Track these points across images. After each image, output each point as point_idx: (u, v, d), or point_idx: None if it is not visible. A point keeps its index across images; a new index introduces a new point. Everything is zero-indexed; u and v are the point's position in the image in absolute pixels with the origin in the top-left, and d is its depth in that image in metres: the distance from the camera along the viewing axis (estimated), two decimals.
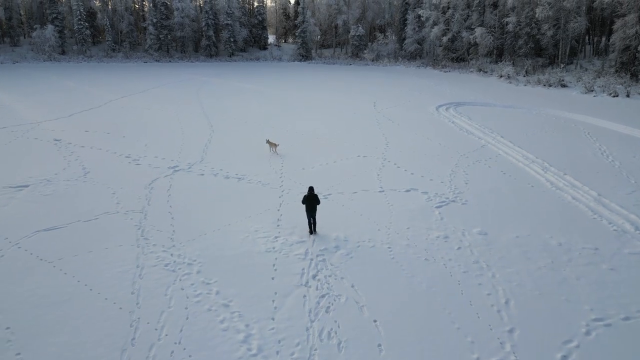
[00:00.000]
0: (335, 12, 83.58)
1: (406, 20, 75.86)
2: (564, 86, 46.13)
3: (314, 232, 13.50)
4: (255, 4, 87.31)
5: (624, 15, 46.07)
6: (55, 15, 71.30)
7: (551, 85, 46.64)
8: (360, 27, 78.83)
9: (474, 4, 65.51)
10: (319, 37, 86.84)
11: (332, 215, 14.85)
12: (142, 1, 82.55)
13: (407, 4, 76.51)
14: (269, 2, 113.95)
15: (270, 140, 22.89)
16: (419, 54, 75.70)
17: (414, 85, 48.90)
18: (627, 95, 40.01)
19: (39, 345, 8.80)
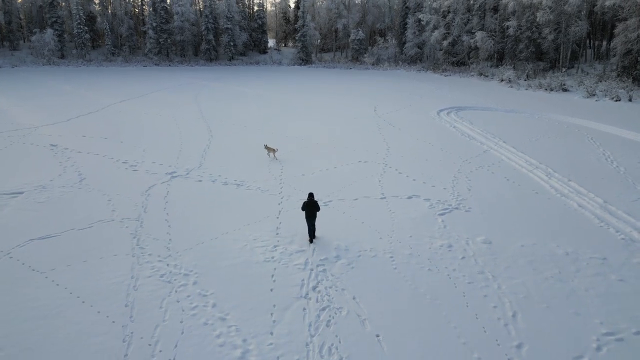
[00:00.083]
0: (335, 16, 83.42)
1: (406, 24, 75.72)
2: (566, 90, 45.84)
3: (313, 237, 13.18)
4: (255, 8, 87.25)
5: (625, 19, 45.85)
6: (54, 19, 71.09)
7: (552, 89, 46.36)
8: (360, 31, 78.67)
9: (475, 8, 65.36)
10: (319, 41, 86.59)
11: (333, 222, 14.51)
12: (142, 5, 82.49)
13: (407, 8, 76.37)
14: (269, 6, 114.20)
15: (268, 145, 22.58)
16: (419, 58, 75.52)
17: (414, 89, 48.63)
18: (630, 99, 39.70)
19: None
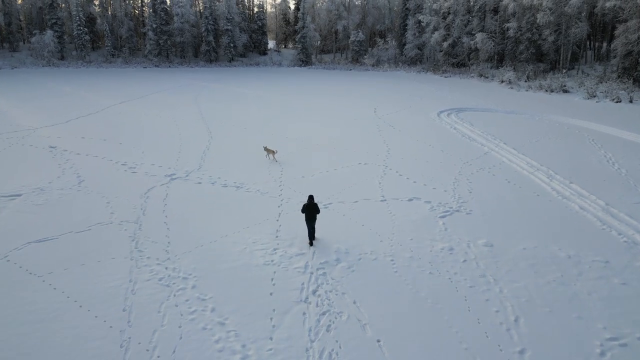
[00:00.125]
0: (335, 18, 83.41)
1: (406, 25, 75.69)
2: (566, 92, 45.76)
3: (313, 240, 13.07)
4: (255, 10, 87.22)
5: (625, 20, 45.81)
6: (54, 20, 71.03)
7: (553, 90, 46.29)
8: (360, 33, 78.64)
9: (475, 9, 65.33)
10: (319, 42, 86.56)
11: (333, 225, 14.40)
12: (141, 7, 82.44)
13: (407, 9, 76.34)
14: (269, 8, 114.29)
15: (267, 147, 22.47)
16: (419, 60, 75.49)
17: (414, 90, 48.55)
18: (630, 100, 39.63)
19: None
